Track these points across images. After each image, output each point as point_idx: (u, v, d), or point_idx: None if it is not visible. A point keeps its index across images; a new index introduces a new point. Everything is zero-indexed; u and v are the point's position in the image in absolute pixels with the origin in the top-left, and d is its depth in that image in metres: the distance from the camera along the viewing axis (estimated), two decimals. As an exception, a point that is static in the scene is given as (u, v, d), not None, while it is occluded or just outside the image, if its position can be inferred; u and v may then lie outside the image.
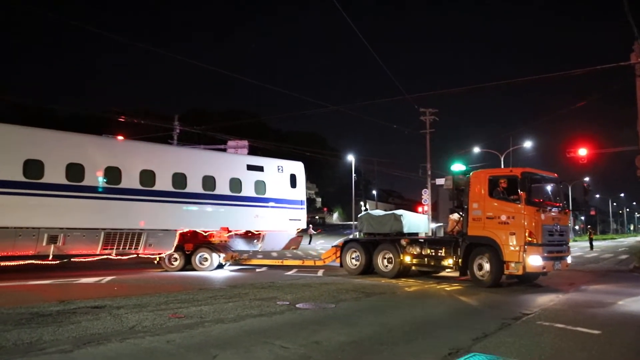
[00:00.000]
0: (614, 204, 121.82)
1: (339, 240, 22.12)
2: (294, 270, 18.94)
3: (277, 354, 6.40)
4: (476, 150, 41.80)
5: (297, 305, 10.20)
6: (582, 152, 24.34)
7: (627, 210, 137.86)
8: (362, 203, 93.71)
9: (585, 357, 6.64)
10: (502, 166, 35.11)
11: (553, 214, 13.81)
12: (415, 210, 29.84)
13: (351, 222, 63.53)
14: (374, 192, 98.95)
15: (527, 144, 41.74)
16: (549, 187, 14.75)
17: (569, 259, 14.55)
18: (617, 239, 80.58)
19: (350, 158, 54.77)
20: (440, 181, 41.19)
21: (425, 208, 36.60)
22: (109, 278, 15.06)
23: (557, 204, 14.35)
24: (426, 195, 38.99)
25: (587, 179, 77.09)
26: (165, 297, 11.12)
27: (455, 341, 7.16)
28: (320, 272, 17.92)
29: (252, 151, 33.39)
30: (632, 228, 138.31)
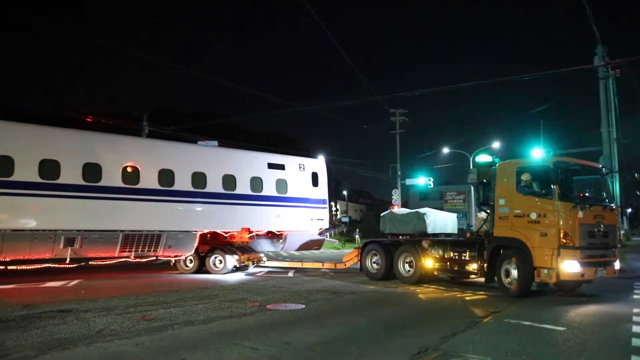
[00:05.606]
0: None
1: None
2: (263, 271, 18.85)
3: (247, 355, 6.39)
4: (445, 150, 42.29)
5: (267, 307, 10.18)
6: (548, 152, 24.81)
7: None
8: (332, 203, 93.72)
9: (550, 352, 6.79)
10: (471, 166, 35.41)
11: (595, 211, 11.76)
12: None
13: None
14: (345, 192, 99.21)
15: (496, 144, 42.41)
16: (589, 179, 13.04)
17: (616, 265, 12.21)
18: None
19: (320, 158, 54.75)
20: (410, 181, 41.72)
21: (395, 209, 36.85)
22: (76, 281, 14.76)
23: (601, 199, 12.43)
24: (396, 195, 39.31)
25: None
26: (134, 300, 10.99)
27: (424, 340, 7.25)
28: (291, 273, 17.87)
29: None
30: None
